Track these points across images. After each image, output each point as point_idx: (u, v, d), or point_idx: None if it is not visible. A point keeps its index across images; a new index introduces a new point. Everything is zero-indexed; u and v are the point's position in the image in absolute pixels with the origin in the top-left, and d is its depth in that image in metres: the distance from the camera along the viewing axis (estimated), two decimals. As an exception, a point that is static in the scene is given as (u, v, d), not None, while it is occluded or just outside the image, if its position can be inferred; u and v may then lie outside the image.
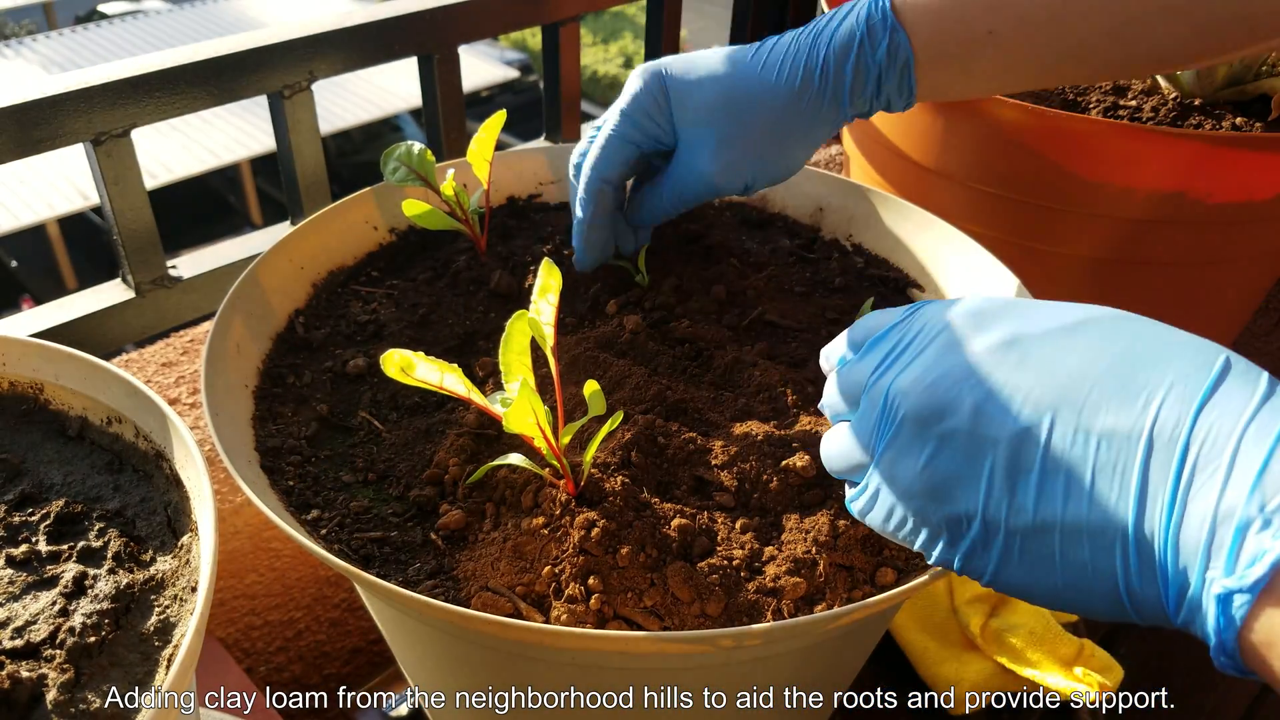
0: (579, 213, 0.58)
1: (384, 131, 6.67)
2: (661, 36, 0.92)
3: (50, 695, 0.32)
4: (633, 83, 0.56)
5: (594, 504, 0.43)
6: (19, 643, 0.34)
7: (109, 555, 0.38)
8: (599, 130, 0.58)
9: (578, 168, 0.59)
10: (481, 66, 7.07)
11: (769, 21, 1.04)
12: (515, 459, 0.43)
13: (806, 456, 0.46)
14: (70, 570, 0.37)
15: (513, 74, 7.23)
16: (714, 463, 0.47)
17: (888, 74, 0.53)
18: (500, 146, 0.66)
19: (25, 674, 0.32)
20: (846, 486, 0.41)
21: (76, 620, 0.35)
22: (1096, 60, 0.53)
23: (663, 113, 0.56)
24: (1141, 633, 1.27)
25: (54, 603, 0.36)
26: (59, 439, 0.44)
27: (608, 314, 0.59)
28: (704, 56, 0.56)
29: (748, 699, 0.45)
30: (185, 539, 0.39)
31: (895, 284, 0.64)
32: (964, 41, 0.52)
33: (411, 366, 0.41)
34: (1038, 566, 0.33)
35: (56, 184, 5.47)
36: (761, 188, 0.57)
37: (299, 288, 0.60)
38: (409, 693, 0.73)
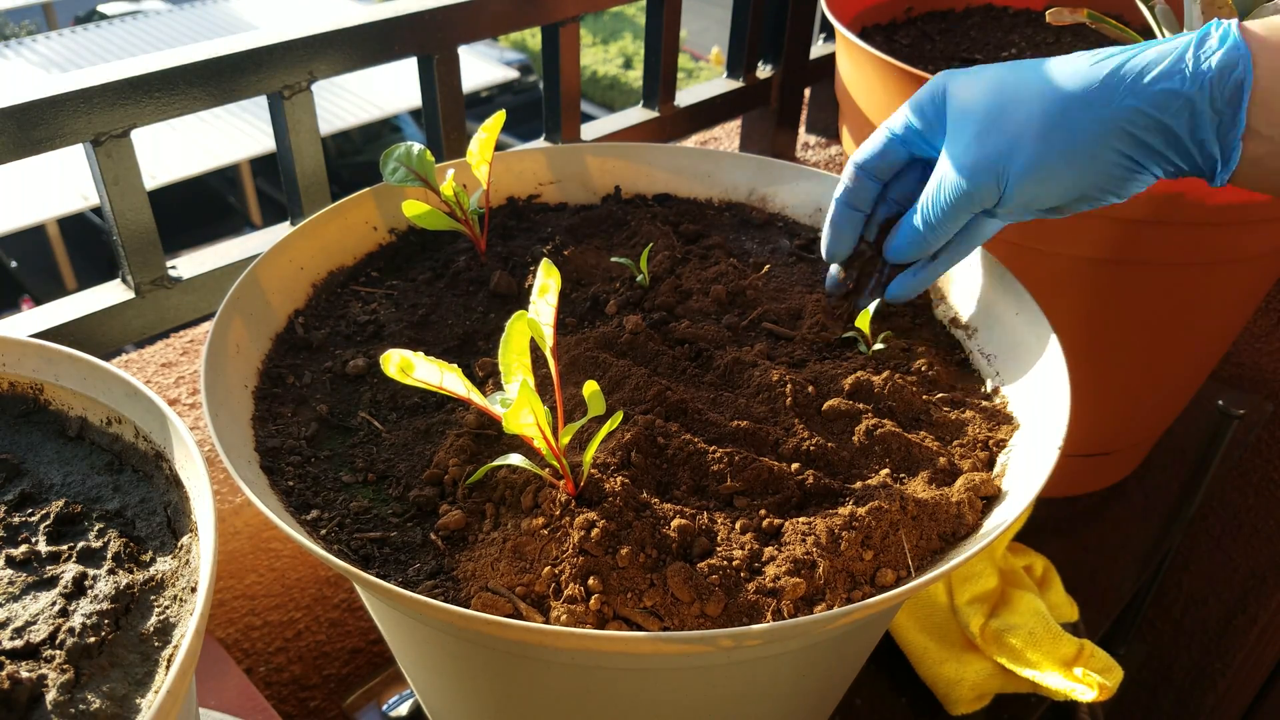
0: (839, 191, 0.56)
1: (384, 132, 6.67)
2: (661, 36, 0.92)
3: (50, 696, 0.32)
4: (929, 83, 0.53)
5: (594, 504, 0.43)
6: (19, 643, 0.34)
7: (109, 556, 0.38)
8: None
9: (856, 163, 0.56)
10: (481, 67, 7.07)
11: (769, 22, 1.04)
12: (515, 459, 0.43)
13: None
14: (70, 571, 0.37)
15: (512, 74, 7.23)
16: (713, 463, 0.47)
17: (1214, 93, 0.42)
18: (500, 147, 0.66)
19: (25, 674, 0.32)
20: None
21: (76, 621, 0.35)
22: None
23: (935, 106, 0.51)
24: (1142, 633, 1.28)
25: (54, 603, 0.36)
26: (59, 439, 0.44)
27: (607, 314, 0.59)
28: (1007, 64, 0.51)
29: (748, 699, 0.45)
30: (185, 539, 0.39)
31: (895, 284, 0.64)
32: None
33: (411, 367, 0.41)
34: None
35: (56, 184, 5.47)
36: (1023, 194, 0.47)
37: (299, 288, 0.60)
38: (409, 693, 0.73)
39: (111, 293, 0.67)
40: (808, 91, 1.22)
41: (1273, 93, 0.41)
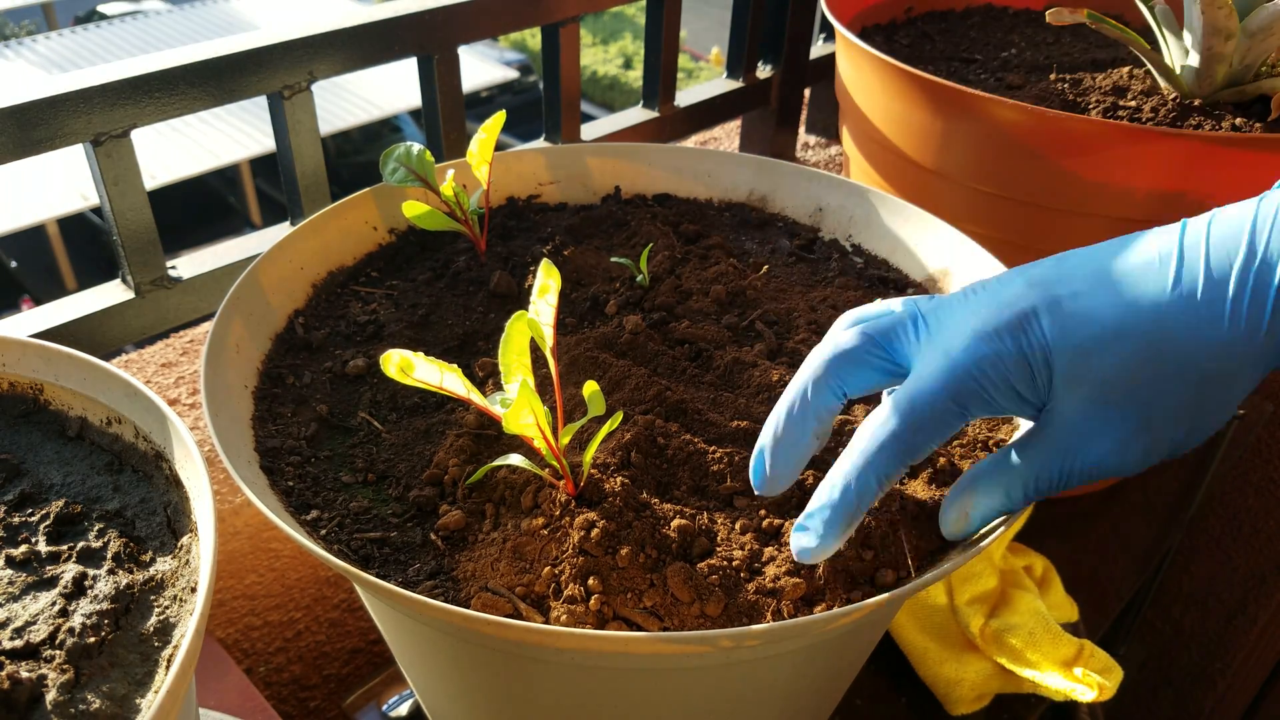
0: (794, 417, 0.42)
1: (384, 132, 6.68)
2: (661, 36, 0.92)
3: (50, 696, 0.32)
4: (979, 339, 0.38)
5: (594, 504, 0.43)
6: (19, 643, 0.34)
7: (109, 556, 0.38)
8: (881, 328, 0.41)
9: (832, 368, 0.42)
10: (481, 67, 7.07)
11: (769, 22, 1.04)
12: (515, 459, 0.43)
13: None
14: (70, 571, 0.37)
15: (512, 74, 7.24)
16: (713, 463, 0.47)
17: None
18: (500, 147, 0.66)
19: (25, 674, 0.32)
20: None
21: (76, 621, 0.35)
22: None
23: (1036, 383, 0.38)
24: (1141, 633, 1.28)
25: (53, 603, 0.36)
26: (58, 439, 0.44)
27: (607, 314, 0.59)
28: (1091, 281, 0.38)
29: (747, 699, 0.45)
30: (185, 539, 0.39)
31: (895, 284, 0.64)
32: None
33: (411, 367, 0.41)
34: None
35: (56, 184, 5.47)
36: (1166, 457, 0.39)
37: (299, 288, 0.60)
38: (409, 693, 0.73)
39: (111, 293, 0.67)
40: (808, 92, 1.22)
41: None
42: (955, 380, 0.38)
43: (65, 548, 0.38)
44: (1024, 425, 0.51)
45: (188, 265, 0.70)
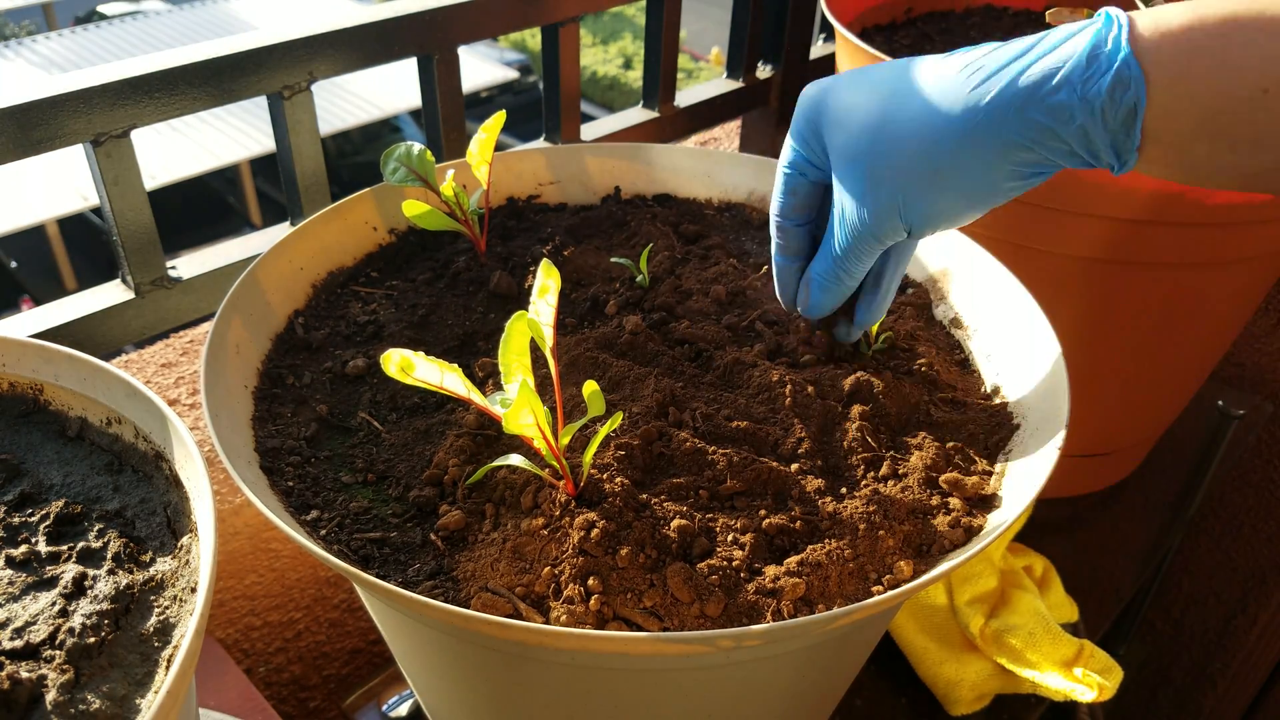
0: (772, 248, 0.53)
1: (384, 132, 6.67)
2: (661, 37, 0.92)
3: (50, 696, 0.32)
4: (799, 103, 0.49)
5: (593, 505, 0.43)
6: (19, 643, 0.34)
7: (108, 556, 0.38)
8: None
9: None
10: (481, 67, 7.07)
11: (769, 22, 1.04)
12: (515, 460, 0.43)
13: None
14: (70, 571, 0.37)
15: (512, 75, 7.23)
16: (713, 464, 0.47)
17: (1106, 116, 0.39)
18: (500, 147, 0.66)
19: (25, 674, 0.32)
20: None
21: (76, 621, 0.35)
22: None
23: (815, 133, 0.48)
24: (1141, 633, 1.28)
25: (54, 603, 0.36)
26: (59, 439, 0.44)
27: (607, 314, 0.59)
28: (876, 69, 0.46)
29: (747, 699, 0.45)
30: (185, 540, 0.39)
31: (895, 284, 0.64)
32: (1221, 95, 0.38)
33: (411, 367, 0.41)
34: None
35: (56, 184, 5.47)
36: (923, 233, 0.46)
37: (299, 288, 0.60)
38: (409, 693, 0.73)
39: (111, 293, 0.67)
40: (808, 92, 1.21)
41: (1165, 109, 0.39)
42: (784, 148, 0.50)
43: (65, 548, 0.38)
44: (1020, 421, 0.51)
45: (188, 265, 0.70)
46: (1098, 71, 0.39)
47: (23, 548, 0.38)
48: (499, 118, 0.60)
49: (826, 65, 1.13)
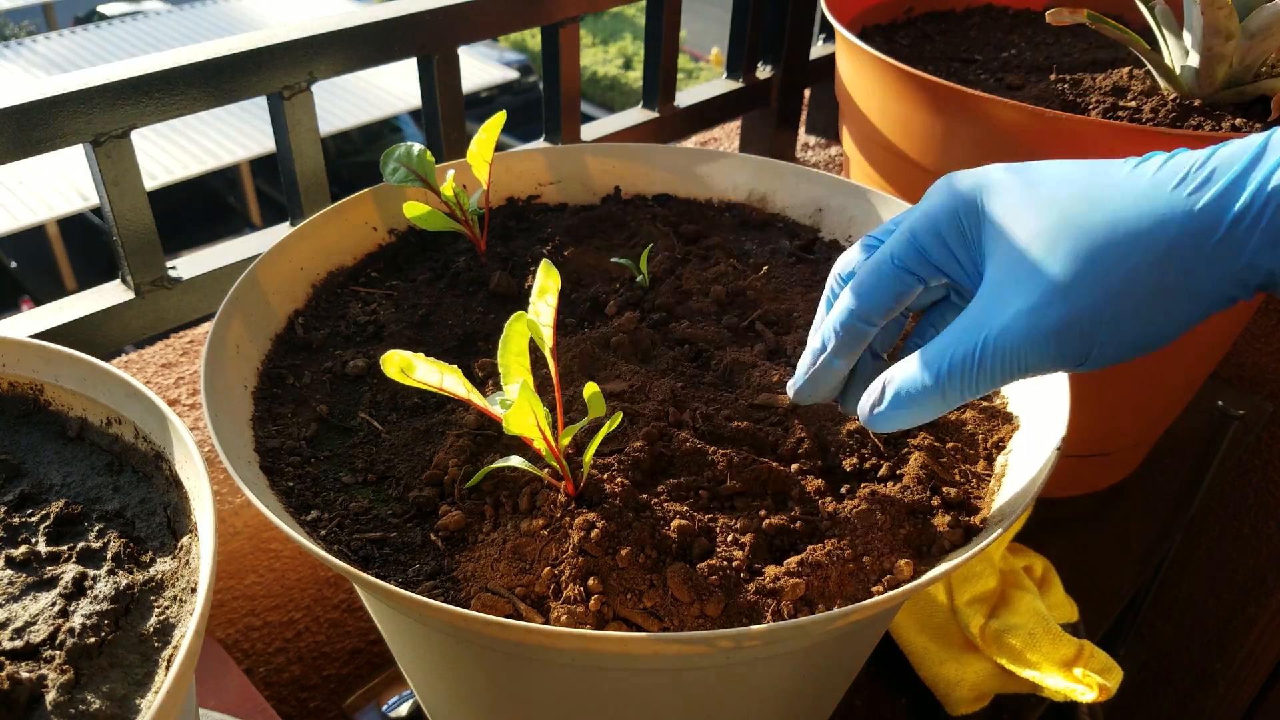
0: (819, 340, 0.44)
1: (384, 132, 6.68)
2: (661, 37, 0.92)
3: (50, 696, 0.32)
4: (933, 191, 0.41)
5: (593, 505, 0.43)
6: (19, 643, 0.34)
7: (109, 556, 0.38)
8: (877, 242, 0.44)
9: (842, 279, 0.45)
10: (481, 67, 7.07)
11: (769, 22, 1.04)
12: (515, 460, 0.43)
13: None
14: (70, 571, 0.37)
15: (512, 75, 7.24)
16: (713, 464, 0.47)
17: None
18: (500, 147, 0.66)
19: (25, 675, 0.32)
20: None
21: (76, 621, 0.35)
22: None
23: (963, 242, 0.40)
24: (1142, 633, 1.28)
25: (54, 603, 0.36)
26: (59, 440, 0.44)
27: (607, 314, 0.59)
28: (1045, 170, 0.39)
29: (747, 700, 0.45)
30: (185, 540, 0.39)
31: (895, 284, 0.64)
32: None
33: (411, 367, 0.41)
34: None
35: (56, 184, 5.47)
36: (1100, 363, 0.37)
37: (299, 288, 0.60)
38: (409, 693, 0.73)
39: (111, 293, 0.67)
40: (808, 92, 1.22)
41: None
42: (896, 239, 0.42)
43: (65, 548, 0.38)
44: (1020, 421, 0.51)
45: (188, 265, 0.70)
46: None
47: (23, 548, 0.38)
48: (499, 118, 0.60)
49: (826, 65, 1.13)
